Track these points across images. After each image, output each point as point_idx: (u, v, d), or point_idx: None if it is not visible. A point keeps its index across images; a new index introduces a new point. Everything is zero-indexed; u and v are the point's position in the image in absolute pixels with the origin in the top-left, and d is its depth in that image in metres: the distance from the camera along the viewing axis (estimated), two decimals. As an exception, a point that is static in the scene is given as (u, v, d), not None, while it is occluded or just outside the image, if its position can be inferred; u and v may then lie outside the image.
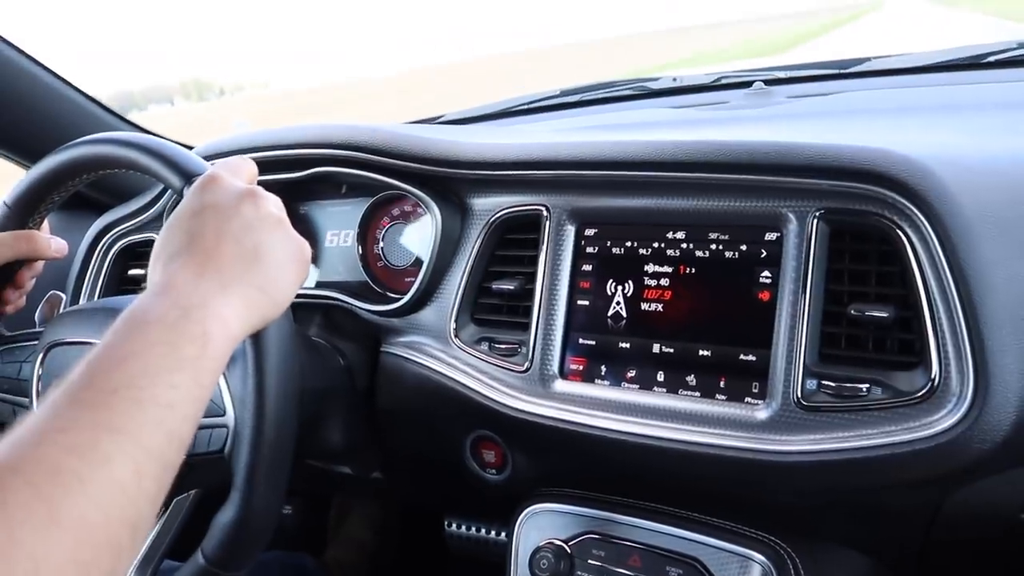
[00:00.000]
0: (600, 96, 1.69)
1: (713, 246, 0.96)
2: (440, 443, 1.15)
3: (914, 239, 0.84)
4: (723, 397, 0.93)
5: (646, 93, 1.66)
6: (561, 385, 1.02)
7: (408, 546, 1.83)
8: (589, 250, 1.03)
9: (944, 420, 0.80)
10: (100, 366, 0.56)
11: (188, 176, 0.83)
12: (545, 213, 1.05)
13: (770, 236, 0.93)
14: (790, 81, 1.55)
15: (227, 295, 0.66)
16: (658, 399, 0.96)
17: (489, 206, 1.10)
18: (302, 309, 1.25)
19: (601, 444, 0.98)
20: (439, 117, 1.77)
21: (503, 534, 1.34)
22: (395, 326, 1.17)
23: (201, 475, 0.92)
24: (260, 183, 0.79)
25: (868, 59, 1.55)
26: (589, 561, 1.02)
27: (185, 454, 0.59)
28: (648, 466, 0.97)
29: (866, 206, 0.87)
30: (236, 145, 1.20)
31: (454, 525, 1.40)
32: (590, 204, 1.03)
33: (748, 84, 1.52)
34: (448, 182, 1.12)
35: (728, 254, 0.95)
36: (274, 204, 0.75)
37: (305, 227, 1.31)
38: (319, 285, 1.26)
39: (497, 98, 1.73)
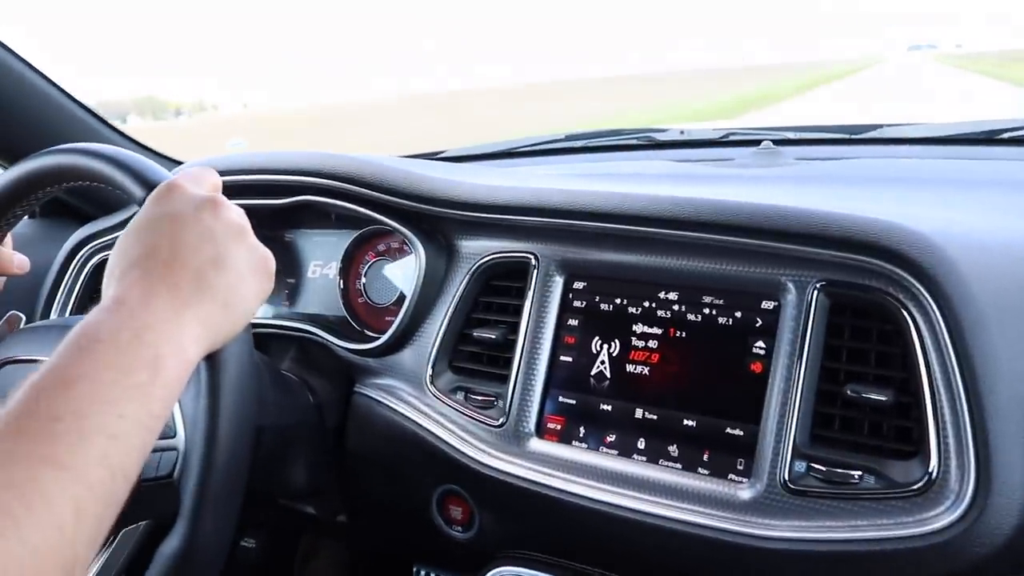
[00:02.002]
0: (606, 144, 1.65)
1: (706, 310, 0.91)
2: (406, 493, 1.09)
3: (919, 321, 0.79)
4: (706, 472, 0.88)
5: (652, 144, 1.62)
6: (536, 444, 0.96)
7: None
8: (576, 304, 0.98)
9: (941, 518, 0.75)
10: (45, 389, 0.53)
11: (149, 185, 0.79)
12: (533, 262, 1.00)
13: (767, 304, 0.88)
14: (799, 143, 1.51)
15: (182, 314, 0.62)
16: (637, 468, 0.91)
17: (476, 249, 1.06)
18: (277, 340, 1.20)
19: (574, 511, 0.92)
20: (439, 153, 1.73)
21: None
22: (371, 366, 1.12)
23: (151, 503, 0.86)
24: (245, 207, 0.75)
25: (880, 126, 1.51)
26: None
27: (131, 486, 0.55)
28: (623, 539, 0.91)
29: (871, 281, 0.82)
30: (222, 166, 1.15)
31: (423, 572, 1.34)
32: (581, 256, 0.98)
33: (756, 142, 1.48)
34: (435, 221, 1.08)
35: (721, 320, 0.90)
36: (236, 213, 0.71)
37: (290, 255, 1.26)
38: (296, 317, 1.21)
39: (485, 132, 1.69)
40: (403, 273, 1.14)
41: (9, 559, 0.45)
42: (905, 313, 0.80)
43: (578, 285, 0.99)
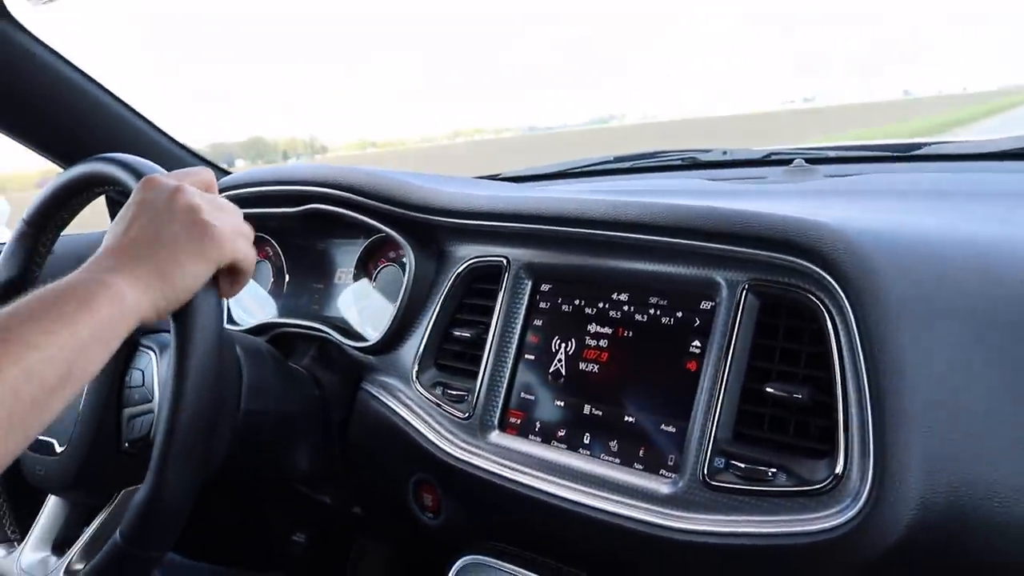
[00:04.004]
0: (651, 164, 1.68)
1: (652, 310, 0.94)
2: (390, 482, 1.16)
3: (836, 319, 0.79)
4: (640, 467, 0.90)
5: (695, 164, 1.63)
6: (496, 436, 1.01)
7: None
8: (542, 305, 1.03)
9: (837, 516, 0.74)
10: None
11: (140, 179, 0.89)
12: (505, 264, 1.06)
13: (705, 305, 0.90)
14: (836, 161, 1.49)
15: (126, 274, 0.74)
16: (582, 462, 0.94)
17: (462, 254, 1.12)
18: (302, 340, 1.30)
19: (525, 501, 0.96)
20: (498, 175, 1.81)
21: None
22: (373, 364, 1.19)
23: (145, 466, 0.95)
24: (267, 216, 0.84)
25: (925, 143, 1.48)
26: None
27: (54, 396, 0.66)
28: (567, 529, 0.94)
29: (795, 280, 0.83)
30: (244, 180, 1.27)
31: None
32: (547, 260, 1.03)
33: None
34: (428, 228, 1.15)
35: (664, 320, 0.93)
36: (196, 196, 0.81)
37: (321, 262, 1.36)
38: (319, 319, 1.30)
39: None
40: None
41: None
42: (824, 311, 0.80)
43: (545, 287, 1.03)
